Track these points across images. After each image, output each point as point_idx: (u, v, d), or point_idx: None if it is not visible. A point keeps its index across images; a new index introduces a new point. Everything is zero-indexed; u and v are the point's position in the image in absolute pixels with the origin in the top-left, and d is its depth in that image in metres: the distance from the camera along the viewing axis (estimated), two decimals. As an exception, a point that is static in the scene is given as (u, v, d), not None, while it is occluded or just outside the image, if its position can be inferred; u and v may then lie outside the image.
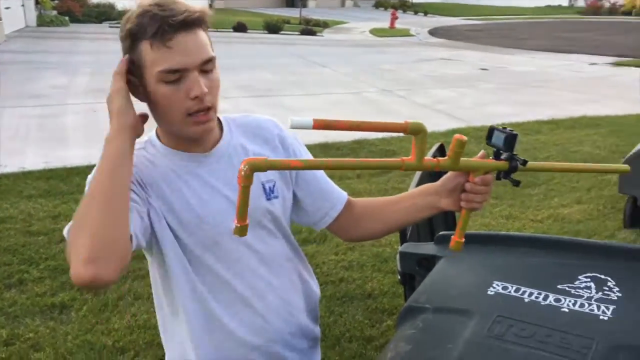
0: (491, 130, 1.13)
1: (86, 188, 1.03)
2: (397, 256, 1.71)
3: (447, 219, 2.41)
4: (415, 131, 0.98)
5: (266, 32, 19.39)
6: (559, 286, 1.26)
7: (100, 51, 12.44)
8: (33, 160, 5.08)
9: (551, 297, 1.22)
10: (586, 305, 1.18)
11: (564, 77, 11.00)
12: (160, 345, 1.28)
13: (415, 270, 1.61)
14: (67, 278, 3.12)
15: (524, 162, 1.10)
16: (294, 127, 0.85)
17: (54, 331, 2.66)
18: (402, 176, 4.95)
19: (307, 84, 9.47)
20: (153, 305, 1.24)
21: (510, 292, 1.26)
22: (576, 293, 1.23)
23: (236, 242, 1.13)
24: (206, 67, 1.04)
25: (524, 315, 1.16)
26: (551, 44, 17.18)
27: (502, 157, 1.12)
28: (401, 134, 5.02)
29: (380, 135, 6.23)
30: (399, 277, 1.73)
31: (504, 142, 1.10)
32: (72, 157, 5.16)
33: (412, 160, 1.01)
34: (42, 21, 17.77)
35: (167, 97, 1.03)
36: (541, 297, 1.22)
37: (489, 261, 1.46)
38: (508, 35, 20.25)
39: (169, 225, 1.10)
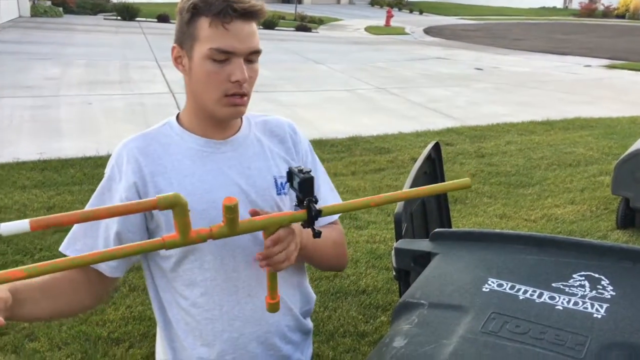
0: (289, 172, 1.01)
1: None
2: (392, 252, 1.73)
3: (442, 214, 2.43)
4: (168, 205, 0.87)
5: (261, 27, 19.29)
6: (553, 284, 1.28)
7: (94, 43, 12.38)
8: (27, 151, 5.06)
9: (546, 295, 1.24)
10: (580, 303, 1.20)
11: (558, 78, 11.06)
12: (154, 337, 1.29)
13: (410, 266, 1.63)
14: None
15: (318, 213, 0.97)
16: (6, 234, 0.80)
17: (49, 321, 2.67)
18: (397, 174, 4.98)
19: (302, 81, 9.47)
20: (148, 297, 1.25)
21: (505, 289, 1.28)
22: (570, 291, 1.25)
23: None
24: (251, 57, 1.11)
25: (519, 312, 1.18)
26: (546, 45, 17.25)
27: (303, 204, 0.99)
28: (398, 131, 5.01)
29: (375, 132, 6.26)
30: (394, 273, 1.75)
31: (299, 187, 0.98)
32: (67, 148, 5.15)
33: (175, 237, 0.91)
34: (35, 11, 17.64)
35: (210, 75, 1.09)
36: (536, 294, 1.24)
37: (484, 258, 1.48)
38: (503, 36, 20.31)
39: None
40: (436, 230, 1.61)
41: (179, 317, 1.21)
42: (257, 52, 1.11)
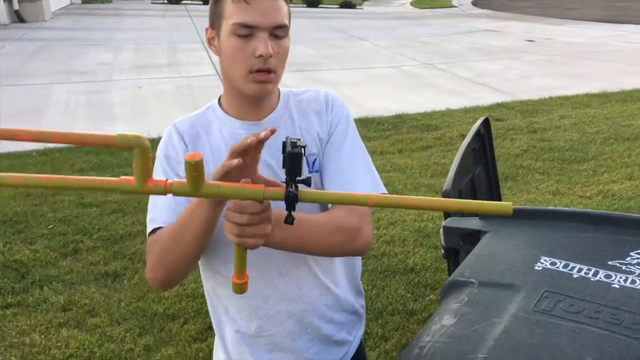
0: (283, 142, 0.88)
1: (176, 226, 1.06)
2: (441, 231, 1.71)
3: (492, 192, 2.39)
4: (126, 146, 0.79)
5: (305, 5, 19.22)
6: (609, 262, 1.24)
7: (142, 28, 12.63)
8: (83, 135, 5.24)
9: (601, 273, 1.21)
10: (638, 281, 1.17)
11: (615, 48, 10.55)
12: (207, 313, 1.34)
13: (459, 245, 1.61)
14: (119, 248, 3.25)
15: (292, 196, 0.83)
16: None
17: (108, 298, 2.79)
18: (444, 151, 4.90)
19: (346, 58, 9.40)
20: (200, 275, 1.29)
21: (558, 267, 1.25)
22: (628, 269, 1.21)
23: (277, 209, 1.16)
24: (277, 32, 1.09)
25: (573, 290, 1.16)
26: (602, 14, 16.45)
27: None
28: (446, 107, 4.92)
29: (422, 109, 6.16)
30: (443, 252, 1.73)
31: (283, 161, 0.85)
32: (119, 131, 5.26)
33: (131, 182, 0.81)
34: (86, -2, 18.12)
35: (235, 51, 1.09)
36: (591, 273, 1.21)
37: (537, 236, 1.45)
38: (556, 5, 19.48)
39: None
40: (486, 207, 1.59)
41: (219, 293, 1.25)
42: (282, 27, 1.09)
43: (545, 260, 1.29)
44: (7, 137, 0.76)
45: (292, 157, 0.83)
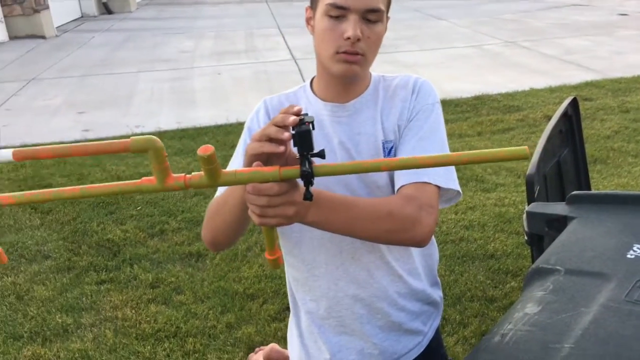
0: (301, 121, 0.86)
1: (220, 198, 1.13)
2: (524, 216, 1.65)
3: (580, 176, 2.27)
4: (141, 149, 0.80)
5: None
6: None
7: (221, 15, 12.94)
8: (167, 120, 5.49)
9: (703, 264, 1.12)
10: None
11: None
12: (286, 294, 1.37)
13: (544, 231, 1.55)
14: (201, 229, 3.38)
15: (310, 174, 0.83)
16: None
17: (192, 277, 2.93)
18: (528, 133, 4.70)
19: (423, 39, 9.18)
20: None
21: (654, 256, 1.18)
22: None
23: (363, 190, 1.17)
24: (370, 16, 1.09)
25: (670, 281, 1.08)
26: None
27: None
28: (530, 87, 4.72)
29: (503, 89, 5.93)
30: (526, 238, 1.68)
31: (294, 139, 0.85)
32: (201, 117, 5.51)
33: (152, 182, 0.84)
34: (169, -12, 18.78)
35: (325, 31, 1.10)
36: (691, 262, 1.13)
37: (629, 223, 1.37)
38: (653, -26, 18.00)
39: None
40: (574, 192, 1.52)
41: (291, 272, 1.29)
42: (375, 11, 1.08)
43: (638, 248, 1.21)
44: (28, 157, 0.80)
45: (301, 134, 0.83)
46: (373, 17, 1.09)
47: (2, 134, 5.23)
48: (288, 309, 1.40)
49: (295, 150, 0.86)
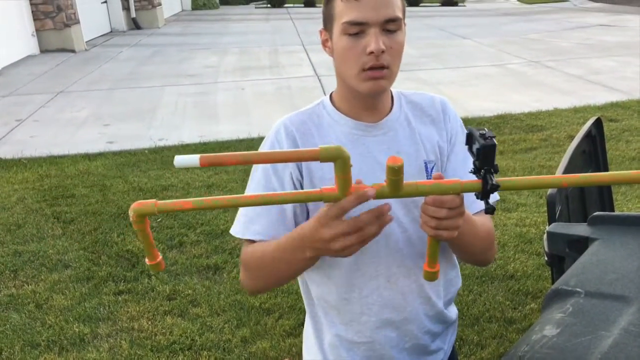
0: (469, 134, 0.89)
1: (273, 249, 1.09)
2: (545, 237, 1.62)
3: (603, 197, 2.23)
4: (329, 158, 0.81)
5: (406, 4, 19.04)
6: None
7: (246, 32, 13.13)
8: (189, 134, 5.55)
9: None
10: None
11: None
12: (302, 310, 1.35)
13: (565, 252, 1.52)
14: (220, 242, 3.40)
15: (495, 187, 0.86)
16: (179, 166, 0.82)
17: (209, 290, 2.93)
18: (551, 153, 4.64)
19: (447, 57, 9.18)
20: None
21: (678, 280, 1.14)
22: None
23: (403, 217, 1.15)
24: (389, 26, 1.07)
25: (695, 306, 1.05)
26: None
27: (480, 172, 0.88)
28: (553, 107, 4.66)
29: (527, 109, 5.88)
30: (546, 259, 1.64)
31: (477, 153, 0.86)
32: (223, 131, 5.56)
33: (334, 191, 0.86)
34: (196, 5, 19.16)
35: (346, 50, 1.08)
36: None
37: (654, 246, 1.33)
38: (683, -5, 17.77)
39: None
40: (596, 213, 1.48)
41: (320, 295, 1.24)
42: (394, 20, 1.06)
43: (663, 272, 1.18)
44: (214, 163, 0.82)
45: (487, 149, 0.85)
46: (393, 26, 1.06)
47: (29, 144, 5.35)
48: (303, 324, 1.38)
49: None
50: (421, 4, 18.97)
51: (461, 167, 1.18)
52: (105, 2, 12.97)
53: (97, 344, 2.56)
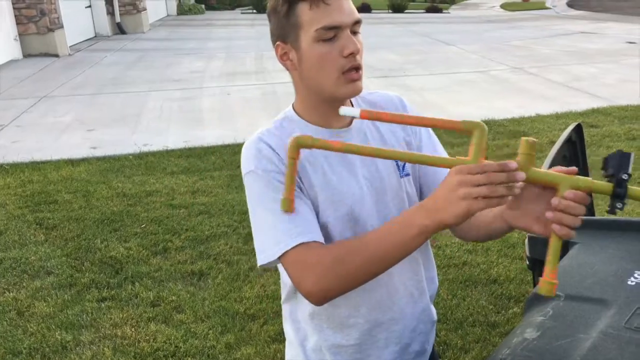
0: (606, 159, 0.98)
1: (371, 245, 1.04)
2: (526, 241, 1.65)
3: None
4: (469, 128, 0.91)
5: (390, 11, 19.17)
6: None
7: (232, 37, 13.12)
8: (174, 139, 5.53)
9: None
10: None
11: None
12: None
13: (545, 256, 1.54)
14: (205, 248, 3.38)
15: (623, 193, 0.94)
16: (343, 114, 0.95)
17: (194, 296, 2.92)
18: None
19: (431, 63, 9.25)
20: (279, 277, 1.30)
21: (654, 283, 1.17)
22: None
23: (375, 219, 1.15)
24: (356, 27, 1.09)
25: (671, 309, 1.07)
26: None
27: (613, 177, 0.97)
28: (536, 113, 4.72)
29: (509, 115, 5.95)
30: (527, 263, 1.67)
31: (613, 160, 0.97)
32: (208, 136, 5.54)
33: (467, 159, 0.92)
34: (181, 10, 19.11)
35: (322, 56, 1.08)
36: (692, 291, 1.12)
37: (631, 249, 1.36)
38: (661, 3, 18.12)
39: (313, 203, 1.13)
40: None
41: (305, 300, 1.21)
42: (359, 22, 1.10)
43: (639, 275, 1.20)
44: (373, 117, 0.96)
45: (625, 156, 0.95)
46: (358, 27, 1.10)
47: (12, 149, 5.28)
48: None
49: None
50: (406, 11, 19.11)
51: (432, 154, 1.20)
52: (90, 6, 12.88)
53: (79, 352, 2.54)
